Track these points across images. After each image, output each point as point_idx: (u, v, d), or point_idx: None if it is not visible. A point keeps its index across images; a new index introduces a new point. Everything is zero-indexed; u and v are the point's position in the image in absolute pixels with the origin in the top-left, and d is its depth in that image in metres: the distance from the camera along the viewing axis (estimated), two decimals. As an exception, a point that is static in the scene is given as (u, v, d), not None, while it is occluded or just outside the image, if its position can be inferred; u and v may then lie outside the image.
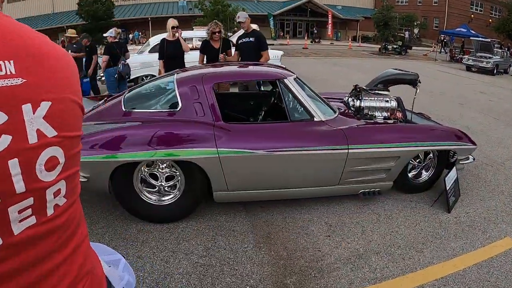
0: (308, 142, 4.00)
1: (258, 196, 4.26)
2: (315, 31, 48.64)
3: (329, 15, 45.99)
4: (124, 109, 4.20)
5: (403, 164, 4.44)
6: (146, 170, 4.14)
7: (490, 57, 20.66)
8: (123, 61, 8.74)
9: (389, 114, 4.96)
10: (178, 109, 4.05)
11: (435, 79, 16.96)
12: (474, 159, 5.15)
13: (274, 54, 12.09)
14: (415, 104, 5.43)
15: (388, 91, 5.25)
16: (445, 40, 38.99)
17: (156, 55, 8.22)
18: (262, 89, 6.58)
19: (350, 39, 41.18)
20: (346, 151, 4.04)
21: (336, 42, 46.14)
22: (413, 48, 35.61)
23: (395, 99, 5.06)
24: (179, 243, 3.90)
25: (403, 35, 37.85)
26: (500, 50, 21.70)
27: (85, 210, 4.33)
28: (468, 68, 20.94)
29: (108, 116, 4.22)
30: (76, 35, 10.48)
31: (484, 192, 5.18)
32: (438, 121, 5.73)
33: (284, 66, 4.96)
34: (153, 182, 4.17)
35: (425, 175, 4.93)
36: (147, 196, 4.15)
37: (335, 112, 4.49)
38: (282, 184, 4.15)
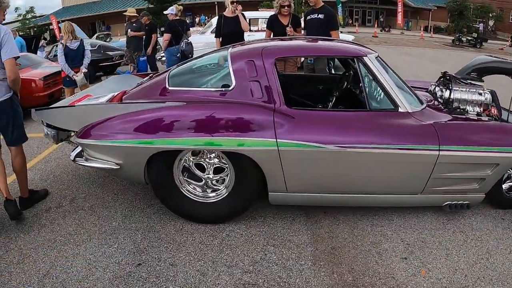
0: (390, 138, 3.09)
1: (322, 201, 3.40)
2: (381, 19, 45.60)
3: (400, 3, 43.55)
4: (168, 87, 3.42)
5: (501, 173, 3.47)
6: (191, 159, 3.37)
7: None
8: (185, 40, 7.90)
9: (482, 109, 4.01)
10: (230, 88, 3.23)
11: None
12: None
13: (344, 38, 10.56)
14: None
15: (482, 81, 4.26)
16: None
17: None
18: (333, 72, 5.49)
19: (421, 29, 38.51)
20: (437, 152, 3.11)
21: (406, 31, 43.14)
22: (488, 41, 32.94)
23: (489, 91, 4.10)
24: (222, 251, 3.11)
25: (477, 26, 35.68)
26: None
27: (119, 197, 3.47)
28: None
29: (151, 94, 3.48)
30: (136, 14, 9.87)
31: None
32: None
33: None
34: (199, 173, 3.39)
35: None
36: (188, 191, 3.38)
37: (422, 103, 3.54)
38: (353, 188, 3.28)
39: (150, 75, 4.35)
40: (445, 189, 3.38)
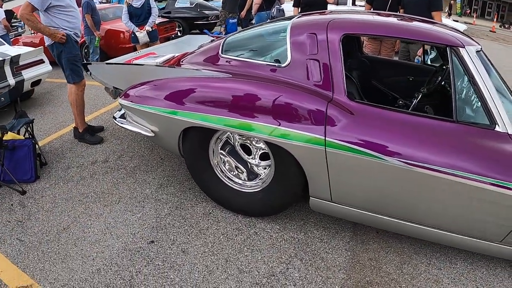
0: (476, 165, 2.18)
1: (373, 222, 2.58)
2: (504, 14, 39.57)
3: (528, -3, 37.48)
4: (220, 54, 2.83)
5: None
6: (237, 138, 2.79)
7: None
8: (278, 6, 7.20)
9: None
10: (284, 65, 2.52)
11: None
12: None
13: (454, 26, 9.05)
14: None
15: None
16: None
17: None
18: (429, 63, 4.29)
19: None
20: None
21: None
22: None
23: None
24: (241, 250, 2.53)
25: None
26: None
27: (164, 163, 3.54)
28: None
29: (204, 59, 2.91)
30: None
31: None
32: None
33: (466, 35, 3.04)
34: (243, 155, 2.81)
35: None
36: (224, 174, 2.82)
37: None
38: (414, 217, 2.42)
39: (213, 39, 3.83)
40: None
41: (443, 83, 2.96)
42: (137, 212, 2.87)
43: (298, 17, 2.79)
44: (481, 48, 2.53)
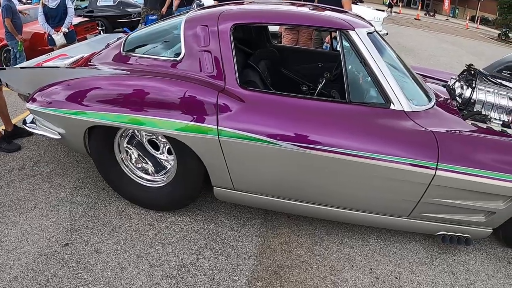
0: (371, 143, 2.13)
1: (279, 208, 2.51)
2: (428, 2, 40.37)
3: (448, -12, 38.50)
4: (122, 52, 2.66)
5: (519, 210, 2.50)
6: (144, 134, 2.62)
7: None
8: (198, 1, 7.04)
9: (510, 119, 2.93)
10: (179, 58, 2.39)
11: None
12: None
13: (375, 15, 9.22)
14: None
15: None
16: None
17: None
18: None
19: (467, 18, 32.57)
20: (433, 171, 2.14)
21: (452, 19, 36.94)
22: None
23: None
24: (153, 245, 2.39)
25: None
26: None
27: (80, 165, 3.30)
28: None
29: (108, 58, 2.73)
30: None
31: None
32: None
33: (368, 21, 2.97)
34: (151, 151, 2.65)
35: None
36: (131, 171, 2.66)
37: (430, 100, 2.51)
38: (317, 199, 2.36)
39: (119, 36, 3.63)
40: (439, 217, 2.41)
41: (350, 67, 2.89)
42: (52, 217, 2.67)
43: (194, 11, 2.65)
44: (374, 30, 2.45)
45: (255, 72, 2.70)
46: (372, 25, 2.54)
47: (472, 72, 2.87)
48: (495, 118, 2.77)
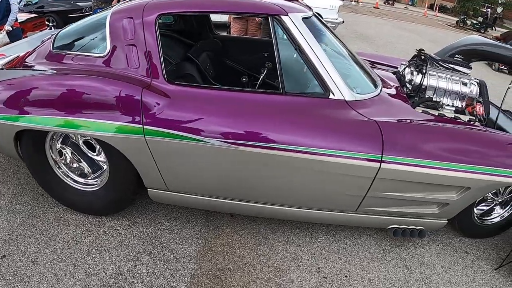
0: (308, 137, 1.93)
1: (217, 207, 2.31)
2: None
3: (408, -24, 37.94)
4: (51, 50, 2.37)
5: (473, 199, 2.24)
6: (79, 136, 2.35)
7: None
8: None
9: (463, 105, 2.76)
10: (105, 54, 2.12)
11: None
12: None
13: (330, 4, 8.77)
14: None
15: (470, 68, 2.89)
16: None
17: None
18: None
19: (426, 6, 32.21)
20: (378, 165, 1.95)
21: (411, 7, 35.93)
22: (495, 29, 28.23)
23: (477, 82, 2.74)
24: (90, 252, 2.17)
25: (484, 11, 30.80)
26: None
27: (20, 170, 2.96)
28: None
29: (40, 57, 2.43)
30: None
31: None
32: None
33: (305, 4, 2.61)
34: (88, 153, 2.37)
35: (497, 214, 2.61)
36: (63, 172, 2.40)
37: (375, 87, 2.30)
38: (258, 197, 2.15)
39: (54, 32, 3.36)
40: (389, 211, 2.24)
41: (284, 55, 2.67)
42: (-12, 227, 2.46)
43: (122, 2, 2.39)
44: (312, 15, 2.24)
45: (194, 65, 2.47)
46: (310, 10, 2.32)
47: (423, 57, 2.67)
48: (447, 104, 2.59)
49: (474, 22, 25.65)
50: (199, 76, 2.44)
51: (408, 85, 2.60)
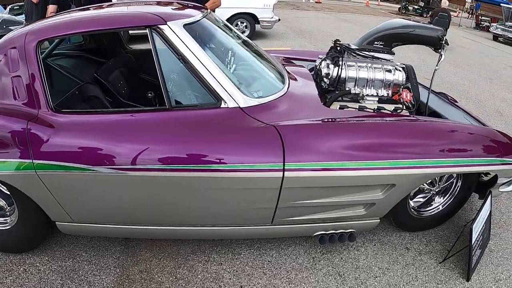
0: (204, 152, 1.73)
1: (129, 234, 2.13)
2: None
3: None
4: None
5: (401, 195, 2.03)
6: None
7: (521, 28, 15.00)
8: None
9: (390, 93, 2.53)
10: None
11: (461, 46, 11.36)
12: None
13: (264, 3, 8.30)
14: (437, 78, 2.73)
15: (392, 53, 2.65)
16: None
17: None
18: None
19: None
20: (280, 174, 1.76)
21: None
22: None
23: (402, 68, 2.52)
24: (1, 294, 2.06)
25: None
26: (533, 22, 16.05)
27: None
28: (495, 37, 15.38)
29: None
30: None
31: None
32: (467, 111, 2.74)
33: (194, 5, 2.40)
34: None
35: (438, 203, 2.40)
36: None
37: (282, 87, 2.08)
38: (167, 220, 1.96)
39: None
40: (311, 218, 2.04)
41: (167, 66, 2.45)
42: None
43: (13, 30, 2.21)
44: (198, 19, 2.02)
45: (99, 86, 2.30)
46: (200, 14, 2.11)
47: (338, 48, 2.45)
48: (372, 95, 2.38)
49: (416, 7, 25.00)
50: (105, 96, 2.27)
51: (325, 79, 2.39)
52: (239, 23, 8.04)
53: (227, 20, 7.78)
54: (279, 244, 2.21)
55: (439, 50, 2.39)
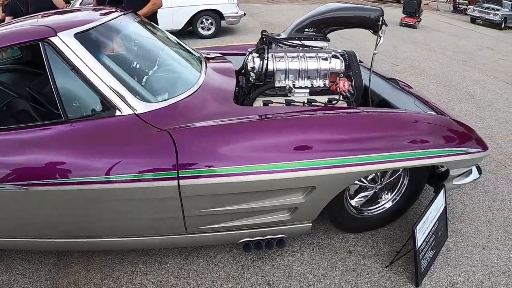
0: (103, 164, 1.59)
1: (46, 247, 2.02)
2: None
3: None
4: None
5: (327, 197, 1.78)
6: None
7: (498, 9, 14.11)
8: None
9: (326, 83, 2.23)
10: None
11: (437, 30, 10.45)
12: (480, 172, 2.19)
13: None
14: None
15: (327, 40, 2.40)
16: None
17: None
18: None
19: None
20: (175, 183, 1.59)
21: None
22: None
23: (342, 55, 2.23)
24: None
25: None
26: (509, 2, 14.61)
27: None
28: (473, 20, 14.58)
29: None
30: None
31: (491, 221, 2.28)
32: (422, 97, 2.39)
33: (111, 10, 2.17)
34: None
35: (385, 200, 2.11)
36: None
37: (188, 88, 1.85)
38: (78, 233, 1.83)
39: None
40: (232, 225, 1.84)
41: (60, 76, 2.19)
42: None
43: None
44: (96, 25, 1.86)
45: (32, 100, 2.23)
46: (105, 17, 1.95)
47: (264, 39, 2.19)
48: (305, 86, 2.12)
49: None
50: (37, 110, 2.20)
51: (252, 73, 2.15)
52: (204, 20, 7.70)
53: (192, 18, 7.53)
54: (208, 252, 2.04)
55: (378, 32, 2.07)
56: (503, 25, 14.18)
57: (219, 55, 2.62)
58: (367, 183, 2.02)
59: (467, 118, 3.94)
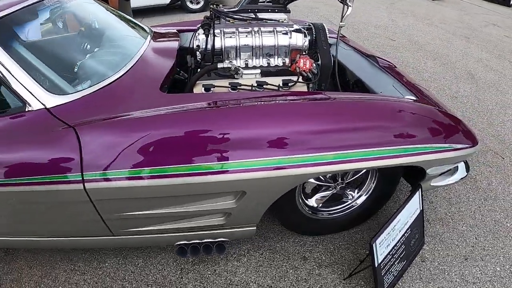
0: (12, 164, 1.34)
1: None
2: None
3: None
4: None
5: (265, 202, 1.44)
6: None
7: (508, -16, 11.27)
8: None
9: (286, 61, 1.81)
10: None
11: (439, 4, 8.70)
12: (468, 169, 1.72)
13: None
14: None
15: (287, 11, 1.91)
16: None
17: None
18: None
19: None
20: (81, 186, 1.33)
21: None
22: None
23: (307, 28, 1.81)
24: None
25: None
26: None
27: None
28: None
29: None
30: None
31: (479, 224, 1.83)
32: (405, 78, 1.93)
33: None
34: None
35: (350, 199, 1.74)
36: None
37: (113, 73, 1.56)
38: (8, 232, 1.63)
39: None
40: (162, 229, 1.58)
41: None
42: None
43: None
44: (13, 11, 1.55)
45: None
46: (27, 1, 1.65)
47: (212, 12, 1.78)
48: (260, 66, 1.72)
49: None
50: None
51: (198, 53, 1.79)
52: None
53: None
54: (148, 251, 1.80)
55: (345, 1, 1.62)
56: (511, 2, 12.44)
57: (173, 31, 2.28)
58: (323, 182, 1.67)
59: (464, 100, 3.34)
